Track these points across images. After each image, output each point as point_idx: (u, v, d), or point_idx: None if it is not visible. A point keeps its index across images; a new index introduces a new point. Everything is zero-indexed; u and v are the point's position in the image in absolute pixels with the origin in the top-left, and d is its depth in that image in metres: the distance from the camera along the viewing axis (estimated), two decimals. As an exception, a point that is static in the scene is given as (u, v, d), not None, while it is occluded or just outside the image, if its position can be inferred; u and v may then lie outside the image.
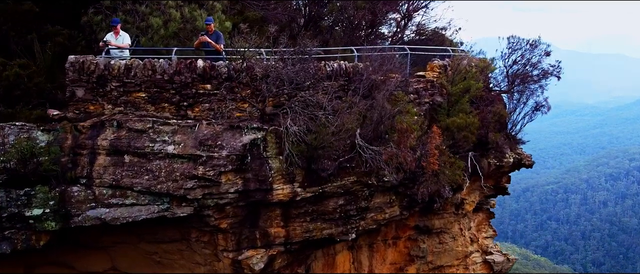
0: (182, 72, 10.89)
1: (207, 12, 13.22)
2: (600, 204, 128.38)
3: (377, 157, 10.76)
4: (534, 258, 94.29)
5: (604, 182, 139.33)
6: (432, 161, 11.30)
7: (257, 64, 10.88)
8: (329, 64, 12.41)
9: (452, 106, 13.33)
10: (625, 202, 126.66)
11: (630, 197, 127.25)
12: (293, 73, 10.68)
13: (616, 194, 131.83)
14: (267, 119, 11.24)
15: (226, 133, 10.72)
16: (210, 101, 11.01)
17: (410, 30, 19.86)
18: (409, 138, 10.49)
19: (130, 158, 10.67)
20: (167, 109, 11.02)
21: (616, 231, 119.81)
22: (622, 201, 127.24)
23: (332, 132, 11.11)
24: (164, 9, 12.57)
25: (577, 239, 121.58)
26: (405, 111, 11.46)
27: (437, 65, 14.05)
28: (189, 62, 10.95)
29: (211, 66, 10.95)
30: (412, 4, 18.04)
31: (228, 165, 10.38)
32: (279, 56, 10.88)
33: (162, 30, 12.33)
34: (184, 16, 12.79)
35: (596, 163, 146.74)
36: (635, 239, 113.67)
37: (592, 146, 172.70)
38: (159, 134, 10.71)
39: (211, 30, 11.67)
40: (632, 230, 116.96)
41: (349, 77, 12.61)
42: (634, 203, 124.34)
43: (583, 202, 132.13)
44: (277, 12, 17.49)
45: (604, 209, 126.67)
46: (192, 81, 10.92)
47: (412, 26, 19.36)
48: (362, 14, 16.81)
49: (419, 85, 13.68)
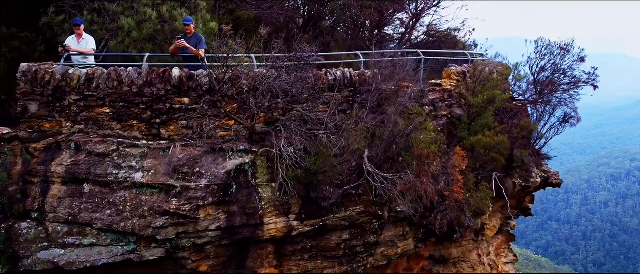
0: (154, 83, 8.87)
1: (189, 11, 11.19)
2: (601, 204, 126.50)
3: (390, 187, 8.72)
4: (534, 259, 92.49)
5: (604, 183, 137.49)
6: (456, 190, 9.29)
7: (244, 73, 8.86)
8: (332, 72, 10.39)
9: (473, 119, 11.30)
10: (626, 202, 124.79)
11: (631, 197, 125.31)
12: (288, 84, 8.65)
13: (617, 194, 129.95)
14: (257, 138, 9.23)
15: (206, 157, 8.70)
16: (188, 118, 9.00)
17: (420, 31, 17.84)
18: (431, 166, 8.47)
19: (91, 188, 8.66)
20: (137, 127, 9.00)
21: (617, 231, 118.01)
22: (623, 202, 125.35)
23: (335, 155, 9.11)
24: (137, 8, 10.53)
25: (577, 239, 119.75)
26: (422, 128, 9.42)
27: (454, 72, 12.02)
28: (162, 71, 8.93)
29: (189, 76, 8.93)
30: (422, 3, 16.00)
31: (208, 197, 8.37)
32: (271, 63, 8.84)
33: (134, 32, 10.30)
34: (161, 16, 10.75)
35: (597, 163, 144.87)
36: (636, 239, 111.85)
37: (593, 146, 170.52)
38: (125, 158, 8.70)
39: (191, 33, 9.65)
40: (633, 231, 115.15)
41: (354, 88, 10.60)
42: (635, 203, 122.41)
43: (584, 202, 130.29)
44: (273, 11, 15.44)
45: (604, 209, 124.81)
46: (166, 94, 8.91)
47: (421, 27, 17.33)
48: (368, 13, 14.76)
49: (435, 95, 11.64)
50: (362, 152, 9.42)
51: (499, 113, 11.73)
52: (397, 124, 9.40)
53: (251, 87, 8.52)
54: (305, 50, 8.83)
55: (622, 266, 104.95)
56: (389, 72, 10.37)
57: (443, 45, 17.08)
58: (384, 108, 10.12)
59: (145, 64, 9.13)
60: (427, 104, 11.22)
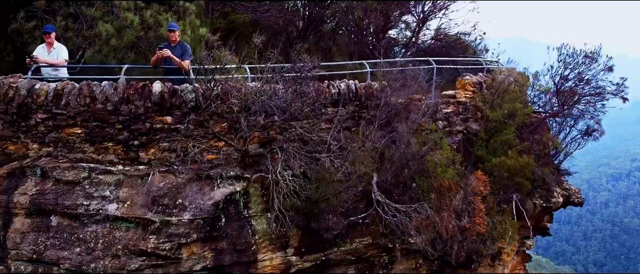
0: (132, 100, 7.65)
1: (176, 17, 9.97)
2: (602, 204, 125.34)
3: (403, 220, 7.48)
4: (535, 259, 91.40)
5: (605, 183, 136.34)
6: (478, 221, 8.07)
7: (235, 88, 7.63)
8: (335, 85, 9.16)
9: (491, 135, 10.07)
10: (627, 202, 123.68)
11: (632, 197, 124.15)
12: (285, 102, 7.42)
13: (618, 194, 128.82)
14: (250, 162, 8.01)
15: (191, 186, 7.48)
16: (170, 139, 7.77)
17: (427, 35, 16.58)
18: (453, 200, 7.25)
19: (59, 221, 7.46)
20: (112, 150, 7.78)
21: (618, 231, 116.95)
22: (624, 202, 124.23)
23: (340, 180, 7.89)
24: (117, 13, 9.32)
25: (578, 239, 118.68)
26: (438, 147, 8.20)
27: (470, 82, 10.79)
28: (141, 85, 7.71)
29: (172, 91, 7.71)
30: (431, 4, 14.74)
31: (192, 233, 7.15)
32: (266, 78, 7.61)
33: (114, 39, 9.09)
34: (144, 21, 9.54)
35: (598, 163, 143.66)
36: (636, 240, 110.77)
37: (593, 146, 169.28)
38: (98, 186, 7.49)
39: (175, 41, 8.42)
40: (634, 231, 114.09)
41: (360, 102, 9.37)
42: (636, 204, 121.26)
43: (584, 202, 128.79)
44: (270, 14, 14.20)
45: (605, 209, 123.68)
46: (145, 112, 7.69)
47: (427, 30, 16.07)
48: (373, 16, 13.52)
49: (449, 108, 10.41)
50: (370, 176, 8.21)
51: (518, 127, 10.50)
52: (409, 145, 8.17)
53: (242, 107, 7.28)
54: (305, 62, 7.58)
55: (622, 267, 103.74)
56: (399, 84, 9.13)
57: (452, 51, 15.83)
58: (394, 125, 8.89)
59: (123, 78, 7.91)
60: (440, 118, 10.00)
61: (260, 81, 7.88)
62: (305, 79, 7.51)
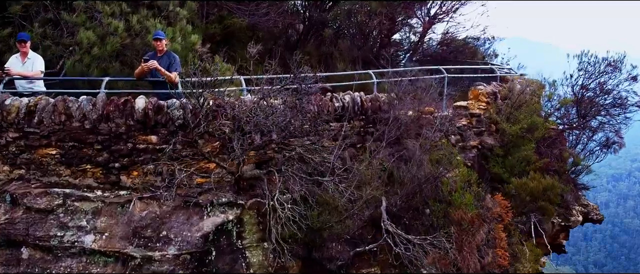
0: (112, 118, 6.78)
1: (166, 22, 9.11)
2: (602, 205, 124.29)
3: (417, 253, 6.59)
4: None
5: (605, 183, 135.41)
6: (500, 253, 7.19)
7: (228, 104, 6.76)
8: (339, 98, 8.30)
9: (508, 150, 9.19)
10: (627, 203, 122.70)
11: (632, 198, 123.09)
12: (283, 120, 6.54)
13: (618, 195, 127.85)
14: (245, 186, 7.14)
15: (177, 215, 6.62)
16: (156, 161, 6.90)
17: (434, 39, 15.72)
18: (476, 235, 6.38)
19: (30, 253, 6.59)
20: (90, 173, 6.91)
21: (618, 232, 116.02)
22: (624, 202, 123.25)
23: (344, 207, 7.03)
24: (100, 18, 8.45)
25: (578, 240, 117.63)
26: (454, 166, 7.33)
27: (484, 92, 9.92)
28: (122, 101, 6.84)
29: (157, 108, 6.84)
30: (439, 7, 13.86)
31: (177, 270, 6.29)
32: (262, 94, 6.73)
33: (96, 48, 8.22)
34: (131, 28, 8.67)
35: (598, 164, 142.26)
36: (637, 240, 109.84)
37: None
38: (74, 215, 6.62)
39: (162, 50, 7.55)
40: (634, 231, 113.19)
41: (366, 116, 8.53)
42: (636, 204, 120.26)
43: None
44: (269, 18, 13.32)
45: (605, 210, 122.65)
46: (127, 131, 6.82)
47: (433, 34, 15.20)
48: (378, 21, 12.64)
49: (462, 121, 9.54)
50: (378, 200, 7.34)
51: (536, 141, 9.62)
52: (421, 165, 7.30)
53: (235, 127, 6.41)
54: (307, 74, 6.70)
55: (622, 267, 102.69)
56: (409, 97, 8.27)
57: (460, 56, 14.98)
58: (404, 141, 8.02)
59: (103, 92, 7.05)
60: (453, 132, 9.12)
61: (256, 94, 7.01)
62: (307, 95, 6.62)
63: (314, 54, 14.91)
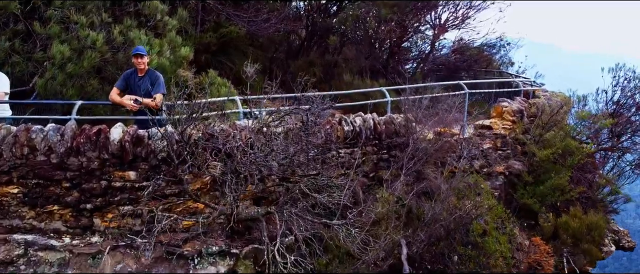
0: (83, 151, 5.67)
1: (153, 33, 8.01)
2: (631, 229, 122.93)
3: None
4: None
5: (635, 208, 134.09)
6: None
7: (221, 136, 5.65)
8: (349, 121, 7.19)
9: (538, 177, 8.08)
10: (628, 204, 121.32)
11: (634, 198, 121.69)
12: (285, 157, 5.43)
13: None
14: (241, 229, 6.04)
15: (159, 268, 5.51)
16: (134, 202, 5.80)
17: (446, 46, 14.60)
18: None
19: (-15, 313, 5.50)
20: (58, 215, 5.81)
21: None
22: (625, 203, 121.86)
23: (358, 253, 5.92)
24: (76, 30, 7.34)
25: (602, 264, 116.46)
26: (487, 207, 6.21)
27: (509, 110, 8.80)
28: (95, 131, 5.73)
29: (136, 139, 5.73)
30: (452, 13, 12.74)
31: None
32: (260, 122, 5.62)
33: (70, 64, 7.12)
34: (112, 39, 7.56)
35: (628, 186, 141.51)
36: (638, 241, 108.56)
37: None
38: (37, 266, 5.53)
39: (143, 69, 6.43)
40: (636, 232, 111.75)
41: (380, 140, 7.42)
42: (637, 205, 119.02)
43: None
44: (269, 25, 12.22)
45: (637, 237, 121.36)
46: (101, 166, 5.72)
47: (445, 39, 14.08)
48: (388, 28, 11.52)
49: (485, 143, 8.42)
50: (397, 243, 6.23)
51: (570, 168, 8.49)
52: (450, 207, 6.18)
53: (228, 168, 5.30)
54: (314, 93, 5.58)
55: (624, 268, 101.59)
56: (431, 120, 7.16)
57: (475, 65, 13.86)
58: (425, 171, 6.90)
59: (73, 120, 5.96)
60: (476, 156, 8.01)
61: (253, 122, 5.91)
62: (314, 125, 5.50)
63: (318, 62, 13.82)
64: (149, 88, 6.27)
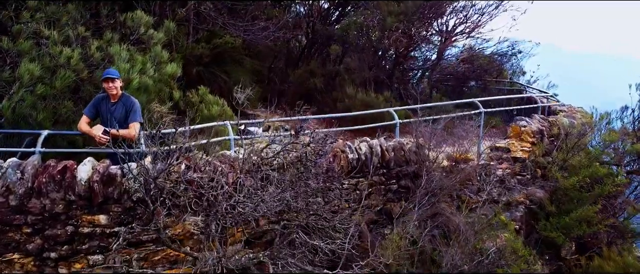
0: (46, 192, 4.86)
1: (136, 47, 7.18)
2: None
3: None
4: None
5: None
6: None
7: (204, 175, 4.82)
8: (353, 148, 6.37)
9: (562, 206, 7.24)
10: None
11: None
12: (279, 203, 4.60)
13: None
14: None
15: (133, 332, 4.69)
16: (105, 249, 4.98)
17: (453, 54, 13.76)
18: None
19: None
20: (18, 265, 4.99)
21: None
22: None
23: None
24: (48, 46, 6.52)
25: None
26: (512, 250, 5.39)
27: (528, 131, 7.97)
28: (59, 169, 4.91)
29: (107, 178, 4.91)
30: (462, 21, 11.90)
31: None
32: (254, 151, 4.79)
33: (40, 85, 6.30)
34: (88, 56, 6.74)
35: None
36: None
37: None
38: (-9, 328, 4.72)
39: (115, 95, 5.55)
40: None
41: (388, 168, 6.60)
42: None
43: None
44: (268, 33, 11.38)
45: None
46: (67, 209, 4.91)
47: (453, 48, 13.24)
48: (395, 37, 10.69)
49: (503, 168, 7.59)
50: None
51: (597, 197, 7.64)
52: (466, 243, 5.35)
53: (211, 218, 4.47)
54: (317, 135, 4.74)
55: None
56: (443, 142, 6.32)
57: (485, 75, 13.02)
58: (439, 206, 6.08)
59: (38, 154, 5.14)
60: (492, 184, 7.17)
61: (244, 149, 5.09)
62: (313, 166, 4.67)
63: (318, 72, 12.98)
64: (123, 116, 5.44)
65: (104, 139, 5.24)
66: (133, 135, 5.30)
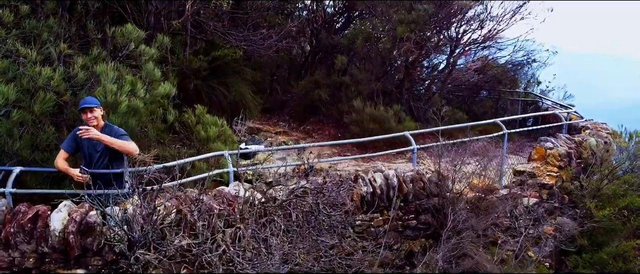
0: (15, 243, 4.15)
1: (123, 65, 6.45)
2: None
3: None
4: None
5: None
6: None
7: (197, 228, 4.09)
8: (367, 180, 5.65)
9: (594, 237, 6.52)
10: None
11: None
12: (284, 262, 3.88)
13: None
14: None
15: None
16: (85, 310, 4.26)
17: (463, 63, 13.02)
18: None
19: None
20: (-17, 327, 4.28)
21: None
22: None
23: None
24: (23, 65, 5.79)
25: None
26: None
27: (555, 154, 7.24)
28: (30, 217, 4.20)
29: (85, 227, 4.19)
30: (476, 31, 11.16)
31: None
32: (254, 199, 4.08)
33: (16, 111, 5.58)
34: (72, 77, 6.02)
35: None
36: None
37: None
38: None
39: (96, 125, 4.75)
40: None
41: (406, 201, 5.88)
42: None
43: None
44: (270, 42, 10.65)
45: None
46: (39, 263, 4.20)
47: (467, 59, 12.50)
48: (406, 48, 9.95)
49: (529, 197, 6.86)
50: None
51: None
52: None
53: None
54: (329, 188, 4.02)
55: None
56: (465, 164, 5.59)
57: (499, 85, 12.30)
58: (465, 246, 5.35)
59: (8, 195, 4.43)
60: (519, 215, 6.45)
61: (246, 189, 4.37)
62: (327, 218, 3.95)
63: (323, 83, 12.26)
64: (107, 149, 4.70)
65: (82, 178, 4.51)
66: (133, 149, 4.55)
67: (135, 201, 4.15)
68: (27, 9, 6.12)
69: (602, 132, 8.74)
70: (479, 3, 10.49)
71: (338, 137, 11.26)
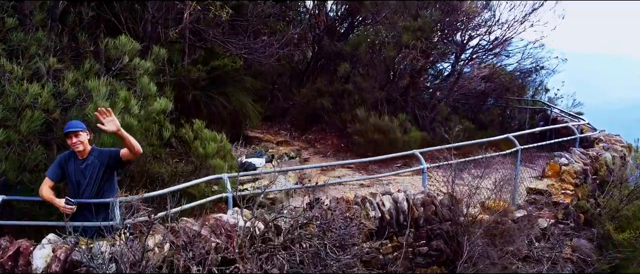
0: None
1: (116, 79, 6.09)
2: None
3: None
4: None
5: None
6: None
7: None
8: (374, 204, 5.29)
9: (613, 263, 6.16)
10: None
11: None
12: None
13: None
14: None
15: None
16: None
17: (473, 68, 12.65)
18: None
19: None
20: None
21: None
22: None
23: None
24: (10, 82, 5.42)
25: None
26: None
27: (570, 171, 6.89)
28: (10, 254, 3.82)
29: (69, 265, 3.81)
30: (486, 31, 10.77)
31: None
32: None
33: (1, 131, 5.22)
34: (61, 94, 5.65)
35: None
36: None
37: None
38: None
39: (83, 150, 4.39)
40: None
41: (417, 226, 5.52)
42: None
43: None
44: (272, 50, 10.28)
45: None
46: (20, 305, 3.82)
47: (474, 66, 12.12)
48: (412, 56, 9.58)
49: (544, 218, 6.49)
50: None
51: None
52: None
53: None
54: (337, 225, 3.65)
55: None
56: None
57: (507, 93, 11.94)
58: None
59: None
60: (536, 238, 6.08)
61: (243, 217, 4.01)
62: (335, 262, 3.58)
63: (325, 91, 11.90)
64: (98, 175, 4.34)
65: (68, 209, 4.14)
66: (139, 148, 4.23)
67: (123, 240, 3.78)
68: (14, 21, 5.74)
69: (617, 145, 8.38)
70: (487, 10, 10.14)
71: (341, 147, 10.91)
